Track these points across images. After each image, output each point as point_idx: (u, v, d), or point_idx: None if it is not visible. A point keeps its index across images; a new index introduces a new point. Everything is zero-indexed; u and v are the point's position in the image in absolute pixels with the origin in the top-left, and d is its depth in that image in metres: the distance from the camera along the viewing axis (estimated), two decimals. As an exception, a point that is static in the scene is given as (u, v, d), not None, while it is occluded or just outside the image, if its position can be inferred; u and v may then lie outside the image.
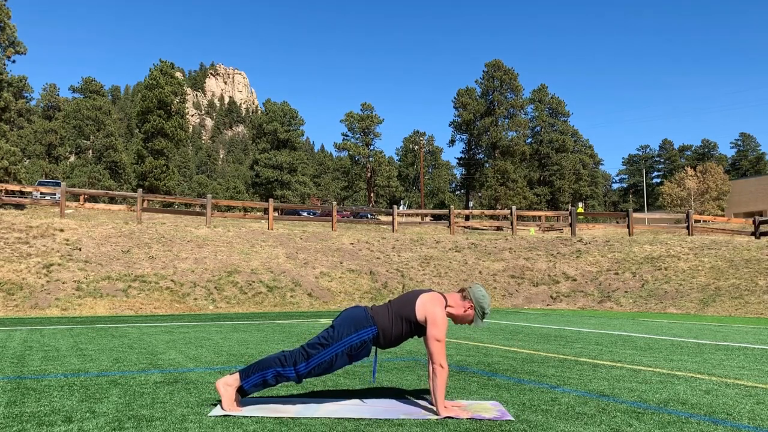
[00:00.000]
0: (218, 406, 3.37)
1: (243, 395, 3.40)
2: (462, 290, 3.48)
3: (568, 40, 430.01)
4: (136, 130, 62.24)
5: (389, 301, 3.49)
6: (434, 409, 3.30)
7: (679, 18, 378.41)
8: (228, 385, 3.32)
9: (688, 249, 18.67)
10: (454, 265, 18.76)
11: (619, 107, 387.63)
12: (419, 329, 3.36)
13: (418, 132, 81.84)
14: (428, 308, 3.31)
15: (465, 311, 3.41)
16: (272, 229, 20.30)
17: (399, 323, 3.33)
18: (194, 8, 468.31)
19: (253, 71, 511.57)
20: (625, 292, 16.48)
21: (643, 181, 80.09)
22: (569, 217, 22.92)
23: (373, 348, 3.44)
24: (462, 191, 71.57)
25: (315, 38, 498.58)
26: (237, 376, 3.34)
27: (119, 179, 61.00)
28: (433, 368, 3.26)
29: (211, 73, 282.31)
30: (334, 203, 23.02)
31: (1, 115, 36.14)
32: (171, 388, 4.03)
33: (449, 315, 3.42)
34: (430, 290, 3.45)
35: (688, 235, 21.77)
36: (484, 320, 3.46)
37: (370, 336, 3.30)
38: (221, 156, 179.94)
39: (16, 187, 22.92)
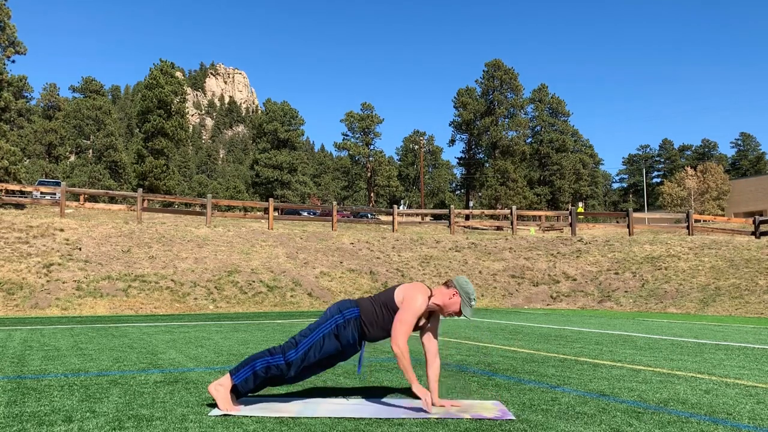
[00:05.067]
0: (218, 407, 3.37)
1: (238, 396, 3.40)
2: (446, 282, 3.55)
3: (568, 41, 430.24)
4: (136, 130, 62.28)
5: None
6: (434, 408, 3.31)
7: (679, 18, 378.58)
8: (220, 385, 3.32)
9: (688, 249, 18.66)
10: (454, 264, 18.76)
11: (619, 107, 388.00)
12: None
13: (418, 132, 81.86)
14: (407, 292, 3.37)
15: (450, 298, 3.44)
16: (272, 229, 20.30)
17: (380, 310, 3.39)
18: (194, 8, 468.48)
19: (253, 71, 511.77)
20: (625, 291, 16.48)
21: (643, 181, 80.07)
22: (569, 217, 22.92)
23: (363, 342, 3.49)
24: (462, 191, 71.57)
25: (315, 38, 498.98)
26: (228, 376, 3.36)
27: (119, 179, 61.01)
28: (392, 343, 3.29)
29: (211, 73, 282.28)
30: (334, 203, 23.01)
31: (1, 115, 36.14)
32: (171, 387, 4.03)
33: (436, 306, 3.44)
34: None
35: (688, 234, 21.76)
36: (472, 308, 3.48)
37: (353, 316, 3.37)
38: (221, 156, 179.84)
39: (16, 187, 22.94)
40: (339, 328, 3.34)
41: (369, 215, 40.46)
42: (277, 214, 30.03)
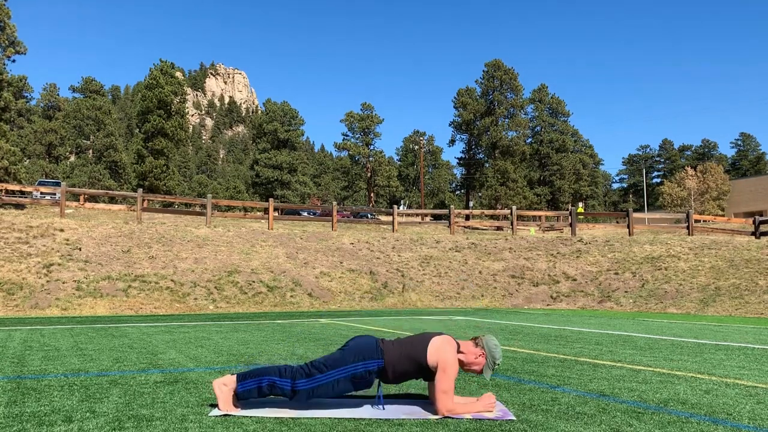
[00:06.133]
0: (218, 406, 3.37)
1: (238, 398, 3.39)
2: (475, 338, 3.47)
3: (568, 40, 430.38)
4: (136, 130, 62.28)
5: (399, 338, 3.45)
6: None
7: (679, 18, 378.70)
8: (224, 385, 3.31)
9: (688, 249, 18.66)
10: (454, 264, 18.76)
11: (619, 107, 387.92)
12: (426, 373, 3.33)
13: (418, 132, 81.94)
14: (440, 354, 3.26)
15: (476, 358, 3.38)
16: (272, 229, 20.30)
17: (407, 363, 3.31)
18: (194, 8, 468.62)
19: (253, 71, 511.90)
20: (625, 292, 16.47)
21: (643, 181, 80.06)
22: (569, 217, 22.92)
23: (377, 381, 3.43)
24: (462, 191, 71.58)
25: (315, 38, 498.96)
26: (234, 378, 3.34)
27: (119, 179, 61.00)
28: (438, 414, 3.22)
29: (211, 73, 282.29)
30: (334, 203, 23.02)
31: (1, 115, 36.12)
32: (171, 387, 4.03)
33: (458, 361, 3.39)
34: (441, 333, 3.40)
35: (688, 235, 21.76)
36: (493, 371, 3.44)
37: (375, 368, 3.28)
38: (221, 156, 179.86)
39: (16, 187, 22.95)
40: (356, 377, 3.28)
41: (369, 215, 40.46)
42: (277, 214, 30.03)
